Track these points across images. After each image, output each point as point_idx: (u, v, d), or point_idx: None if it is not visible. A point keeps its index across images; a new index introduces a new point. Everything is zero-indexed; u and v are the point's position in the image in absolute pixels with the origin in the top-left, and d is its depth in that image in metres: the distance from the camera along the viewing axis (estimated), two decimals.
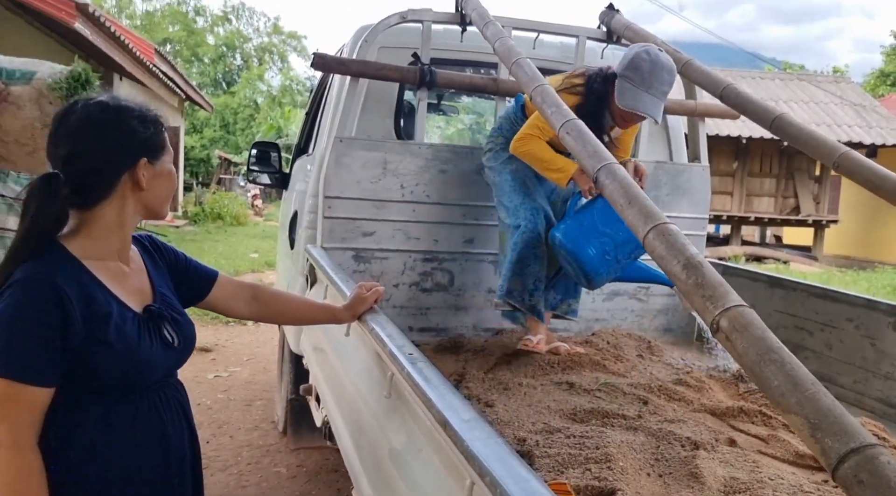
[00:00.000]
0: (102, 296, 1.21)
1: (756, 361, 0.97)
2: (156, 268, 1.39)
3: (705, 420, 1.96)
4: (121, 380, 1.22)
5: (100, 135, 1.22)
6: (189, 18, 29.75)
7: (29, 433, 1.13)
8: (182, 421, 1.36)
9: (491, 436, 0.93)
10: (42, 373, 1.13)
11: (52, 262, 1.17)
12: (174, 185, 1.34)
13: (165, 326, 1.31)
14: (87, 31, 7.07)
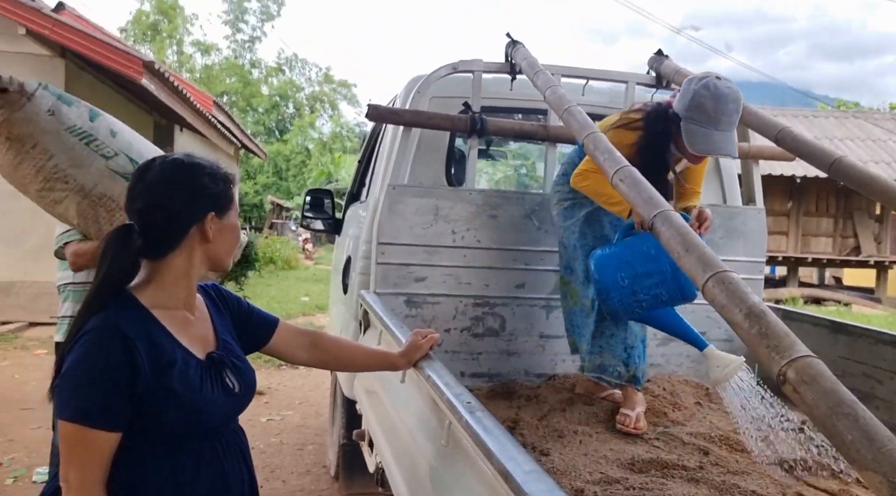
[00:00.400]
0: (168, 344, 1.25)
1: (827, 415, 0.94)
2: (219, 315, 1.44)
3: (771, 472, 1.89)
4: (184, 425, 1.26)
5: (172, 190, 1.29)
6: (245, 70, 31.04)
7: (97, 477, 1.17)
8: (242, 466, 1.39)
9: (553, 489, 0.93)
10: (110, 419, 1.17)
11: (121, 312, 1.23)
12: (238, 238, 1.41)
13: (227, 373, 1.34)
14: (152, 87, 7.45)
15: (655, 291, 2.15)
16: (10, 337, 6.83)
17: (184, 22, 29.08)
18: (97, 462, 1.17)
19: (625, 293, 2.17)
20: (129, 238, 1.26)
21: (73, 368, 1.17)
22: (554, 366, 2.89)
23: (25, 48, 7.21)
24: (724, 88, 2.10)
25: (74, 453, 1.16)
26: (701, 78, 2.15)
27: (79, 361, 1.17)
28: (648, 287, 2.14)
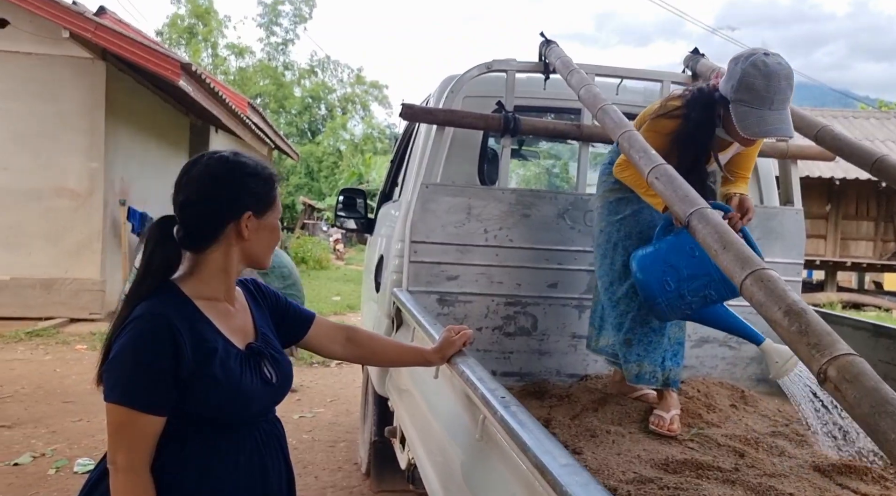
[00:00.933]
0: (210, 333, 1.29)
1: (870, 413, 0.93)
2: (258, 309, 1.48)
3: (809, 476, 1.85)
4: (224, 412, 1.29)
5: (213, 186, 1.32)
6: (278, 73, 31.43)
7: (143, 458, 1.21)
8: (280, 456, 1.42)
9: (588, 482, 0.93)
10: (156, 403, 1.21)
11: (166, 301, 1.27)
12: (277, 239, 1.41)
13: (265, 363, 1.37)
14: (189, 88, 7.60)
15: (704, 292, 2.06)
16: (52, 332, 7.02)
17: (218, 25, 29.56)
18: (143, 444, 1.21)
19: (672, 297, 2.09)
20: (169, 229, 1.31)
21: (120, 354, 1.21)
22: (586, 366, 2.87)
23: (68, 51, 7.42)
24: (775, 65, 1.95)
25: (122, 436, 1.20)
26: (748, 56, 1.98)
27: (126, 347, 1.21)
28: (696, 289, 2.06)
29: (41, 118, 7.52)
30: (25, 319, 7.25)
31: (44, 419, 4.35)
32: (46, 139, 7.54)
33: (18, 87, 7.47)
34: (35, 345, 6.53)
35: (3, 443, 3.95)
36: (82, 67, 7.57)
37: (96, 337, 6.76)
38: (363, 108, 32.94)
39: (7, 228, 7.46)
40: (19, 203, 7.47)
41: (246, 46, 30.98)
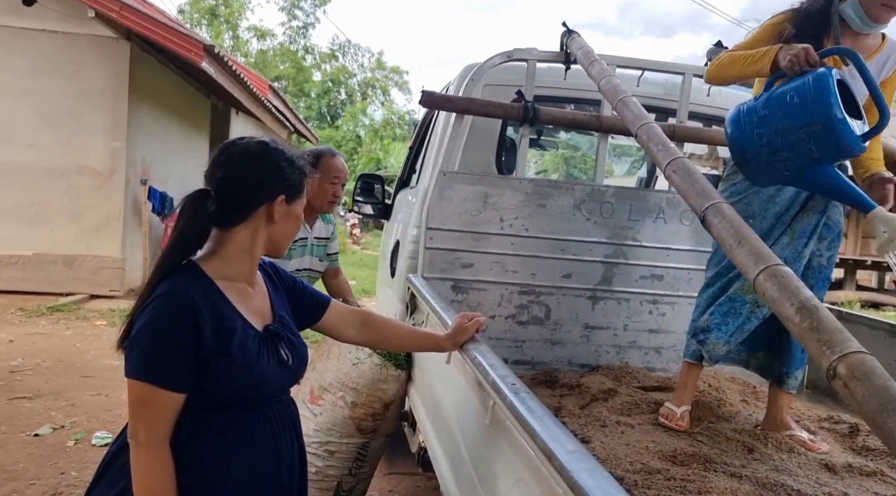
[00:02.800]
0: (230, 313, 1.32)
1: (878, 411, 0.94)
2: (276, 292, 1.50)
3: (817, 473, 1.86)
4: (241, 391, 1.32)
5: (252, 165, 1.36)
6: (299, 56, 31.45)
7: (163, 434, 1.25)
8: (293, 436, 1.45)
9: (595, 468, 0.95)
10: (177, 380, 1.24)
11: (188, 280, 1.30)
12: (298, 228, 1.46)
13: (282, 345, 1.40)
14: (211, 70, 7.64)
15: (802, 147, 1.77)
16: (73, 308, 7.14)
17: (240, 7, 29.61)
18: (164, 420, 1.25)
19: (763, 153, 1.84)
20: (204, 202, 1.33)
21: (142, 330, 1.24)
22: (598, 357, 2.89)
23: (94, 30, 7.48)
24: None
25: (143, 411, 1.24)
26: None
27: (148, 324, 1.24)
28: (793, 143, 1.78)
29: (65, 96, 7.61)
30: (47, 294, 7.38)
31: (63, 392, 4.44)
32: (70, 117, 7.63)
33: (44, 66, 7.56)
34: (56, 319, 6.66)
35: (24, 414, 4.05)
36: (107, 47, 7.63)
37: (116, 313, 6.87)
38: (383, 93, 32.89)
39: (30, 205, 7.57)
40: (43, 180, 7.58)
41: (268, 29, 31.00)
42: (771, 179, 1.96)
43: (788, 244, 2.10)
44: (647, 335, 2.92)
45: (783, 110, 1.77)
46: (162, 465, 1.24)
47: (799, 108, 1.73)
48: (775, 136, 1.79)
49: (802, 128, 1.73)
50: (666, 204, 2.86)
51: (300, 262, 2.69)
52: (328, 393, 2.45)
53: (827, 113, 1.68)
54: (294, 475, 1.45)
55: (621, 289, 2.87)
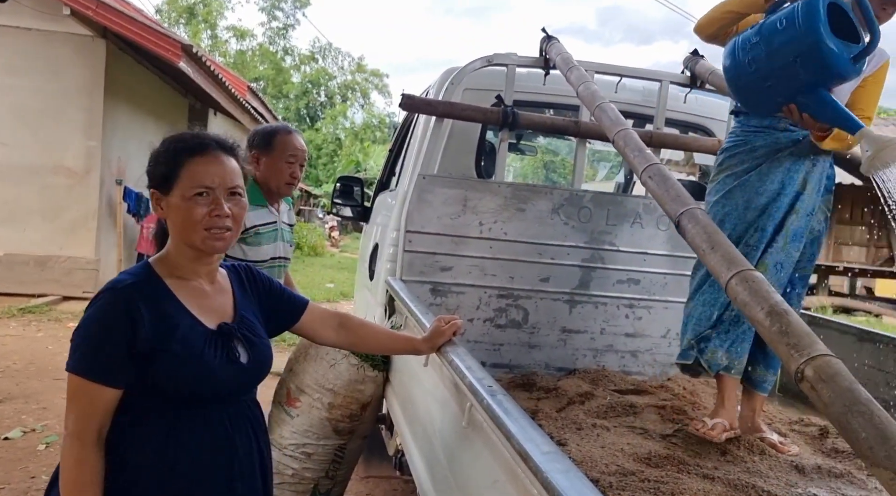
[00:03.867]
0: (174, 310, 1.31)
1: (843, 413, 0.96)
2: (243, 293, 1.48)
3: (787, 475, 1.89)
4: (185, 389, 1.30)
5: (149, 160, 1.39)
6: (278, 58, 31.30)
7: (92, 428, 1.25)
8: (252, 439, 1.41)
9: (571, 469, 0.96)
10: (108, 374, 1.25)
11: (133, 277, 1.32)
12: (188, 219, 1.32)
13: (237, 344, 1.38)
14: (189, 70, 7.58)
15: (791, 70, 1.75)
16: (45, 309, 7.02)
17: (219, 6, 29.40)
18: (94, 414, 1.25)
19: (755, 79, 1.83)
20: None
21: (80, 325, 1.27)
22: (575, 360, 2.91)
23: (69, 28, 7.38)
24: None
25: (74, 402, 1.25)
26: None
27: (86, 319, 1.27)
28: (782, 66, 1.77)
29: (40, 95, 7.49)
30: (19, 295, 7.25)
31: (34, 395, 4.37)
32: (45, 116, 7.51)
33: (18, 63, 7.44)
34: (28, 321, 6.54)
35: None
36: (83, 45, 7.53)
37: None
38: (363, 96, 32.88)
39: (3, 204, 7.44)
40: (16, 179, 7.45)
41: (247, 29, 30.82)
42: (767, 107, 1.95)
43: (783, 248, 2.10)
44: (624, 339, 2.95)
45: (772, 34, 1.77)
46: (85, 458, 1.24)
47: (786, 31, 1.74)
48: (765, 60, 1.79)
49: (790, 50, 1.74)
50: (643, 209, 2.89)
51: (274, 250, 2.46)
52: (305, 395, 2.45)
53: (813, 34, 1.68)
54: (255, 482, 1.41)
55: (598, 293, 2.90)
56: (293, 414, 2.45)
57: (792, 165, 2.07)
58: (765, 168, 2.08)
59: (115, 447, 1.27)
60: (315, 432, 2.43)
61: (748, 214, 2.08)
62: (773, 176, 2.06)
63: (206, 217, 1.31)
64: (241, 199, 1.37)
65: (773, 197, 2.07)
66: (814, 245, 2.19)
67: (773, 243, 2.09)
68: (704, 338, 2.11)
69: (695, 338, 2.13)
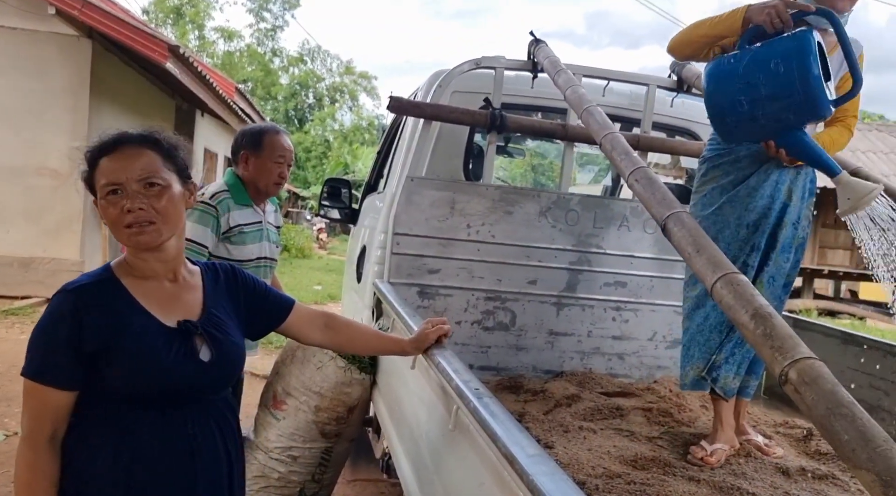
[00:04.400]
0: (127, 309, 1.30)
1: (826, 415, 0.97)
2: (216, 290, 1.45)
3: (772, 477, 1.91)
4: (139, 386, 1.28)
5: None
6: (266, 59, 31.19)
7: (45, 431, 1.24)
8: (218, 438, 1.38)
9: (556, 472, 0.96)
10: (56, 376, 1.25)
11: (86, 278, 1.32)
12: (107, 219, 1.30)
13: (200, 341, 1.34)
14: (176, 71, 7.53)
15: (782, 116, 1.81)
16: (28, 311, 6.94)
17: (206, 7, 29.27)
18: (46, 417, 1.25)
19: (743, 118, 1.85)
20: None
21: (34, 330, 1.28)
22: (562, 363, 2.92)
23: (54, 28, 7.31)
24: None
25: (26, 405, 1.26)
26: None
27: (38, 323, 1.28)
28: (774, 113, 1.81)
29: (25, 95, 7.41)
30: (2, 297, 7.16)
31: (17, 398, 4.29)
32: (29, 116, 7.43)
33: (2, 63, 7.35)
34: (10, 323, 6.46)
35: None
36: (68, 45, 7.46)
37: None
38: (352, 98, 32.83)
39: None
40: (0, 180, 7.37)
41: (235, 30, 30.70)
42: (744, 139, 1.99)
43: (775, 261, 2.09)
44: (611, 341, 2.96)
45: (766, 78, 1.77)
46: (38, 462, 1.23)
47: (783, 79, 1.75)
48: (756, 104, 1.81)
49: (786, 98, 1.76)
50: (630, 212, 2.91)
51: (259, 249, 2.43)
52: (291, 397, 2.43)
53: (810, 86, 1.72)
54: (221, 486, 1.39)
55: (585, 296, 2.91)
56: (279, 417, 2.44)
57: (779, 177, 2.06)
58: (753, 181, 2.06)
59: (71, 451, 1.27)
60: (301, 435, 2.42)
61: (741, 232, 2.06)
62: (761, 190, 2.05)
63: (121, 214, 1.27)
64: (162, 189, 1.30)
65: (764, 212, 2.06)
66: (798, 252, 2.19)
67: (768, 260, 2.09)
68: (715, 365, 2.06)
69: (706, 366, 2.08)
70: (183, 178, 1.37)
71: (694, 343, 2.12)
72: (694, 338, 2.13)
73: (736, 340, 2.06)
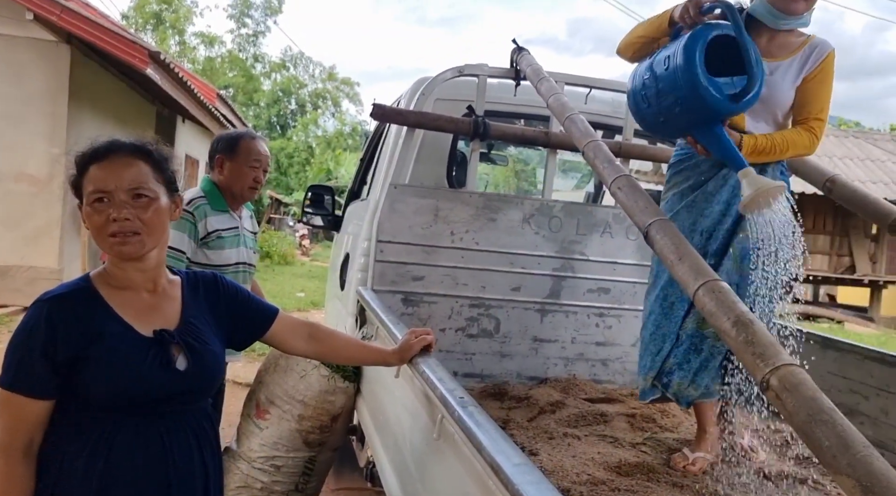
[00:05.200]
0: (103, 318, 1.29)
1: (806, 421, 0.98)
2: (195, 300, 1.44)
3: (755, 483, 1.92)
4: (112, 395, 1.27)
5: None
6: (248, 65, 31.01)
7: (20, 441, 1.24)
8: (194, 449, 1.37)
9: (541, 481, 0.96)
10: (32, 386, 1.24)
11: (64, 288, 1.32)
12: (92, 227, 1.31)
13: (176, 350, 1.33)
14: (157, 77, 7.46)
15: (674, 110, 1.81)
16: (6, 320, 6.83)
17: (187, 12, 29.07)
18: (21, 427, 1.24)
19: (651, 113, 1.88)
20: None
21: (10, 339, 1.27)
22: (546, 369, 2.92)
23: (32, 33, 7.22)
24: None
25: (2, 415, 1.26)
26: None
27: (13, 333, 1.27)
28: (668, 107, 1.82)
29: (2, 100, 7.29)
30: None
31: None
32: (6, 122, 7.33)
33: None
34: None
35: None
36: (46, 50, 7.37)
37: None
38: (334, 104, 32.74)
39: None
40: None
41: (216, 36, 30.51)
42: (668, 136, 2.00)
43: (735, 269, 2.01)
44: (594, 347, 2.97)
45: (659, 75, 1.81)
46: (12, 472, 1.23)
47: (669, 75, 1.77)
48: (655, 99, 1.83)
49: (672, 93, 1.77)
50: (612, 219, 2.93)
51: (237, 255, 2.42)
52: (275, 406, 2.41)
53: (691, 80, 1.71)
54: (196, 494, 1.37)
55: (569, 303, 2.92)
56: (262, 426, 2.42)
57: (738, 181, 1.92)
58: (710, 186, 2.02)
59: (46, 459, 1.26)
60: (285, 444, 2.40)
61: (694, 238, 2.00)
62: (718, 196, 2.01)
63: (106, 223, 1.27)
64: (149, 201, 1.30)
65: (718, 219, 2.01)
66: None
67: (721, 266, 2.00)
68: (665, 372, 2.03)
69: (654, 373, 2.05)
70: (170, 191, 1.37)
71: (647, 352, 2.09)
72: (647, 348, 2.10)
73: (689, 347, 2.01)
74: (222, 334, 1.47)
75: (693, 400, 2.04)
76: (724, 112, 1.78)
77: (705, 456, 2.00)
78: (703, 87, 1.71)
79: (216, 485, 1.44)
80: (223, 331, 1.47)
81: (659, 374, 2.05)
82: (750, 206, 1.74)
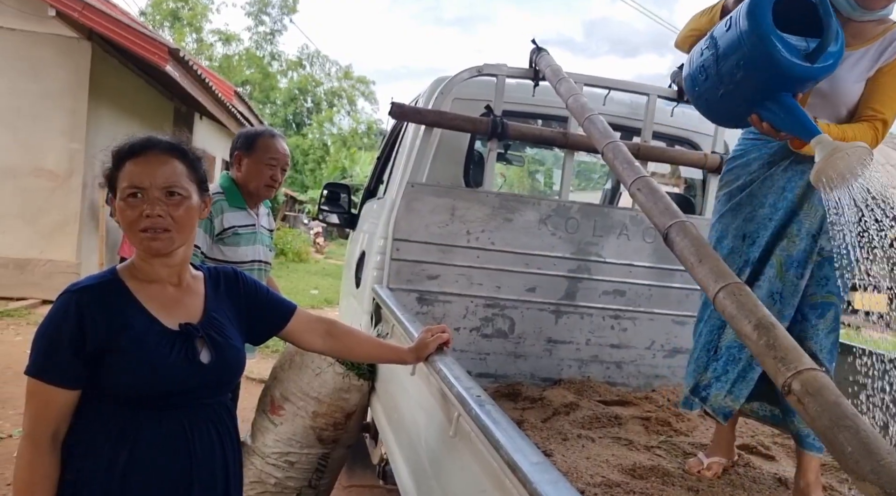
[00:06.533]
0: (130, 310, 1.31)
1: (829, 427, 0.97)
2: (216, 295, 1.46)
3: (771, 487, 1.91)
4: (138, 387, 1.28)
5: None
6: (265, 63, 31.19)
7: (46, 430, 1.25)
8: (215, 444, 1.39)
9: (558, 481, 0.96)
10: (59, 375, 1.26)
11: (92, 279, 1.33)
12: (124, 221, 1.32)
13: (200, 344, 1.35)
14: (176, 74, 7.52)
15: (739, 76, 1.59)
16: (24, 313, 6.91)
17: (203, 10, 29.26)
18: (48, 416, 1.26)
19: (709, 86, 1.69)
20: None
21: (38, 329, 1.29)
22: (560, 371, 2.92)
23: (54, 29, 7.31)
24: None
25: (29, 404, 1.27)
26: None
27: (41, 323, 1.29)
28: (729, 72, 1.61)
29: (23, 96, 7.40)
30: None
31: (11, 400, 4.28)
32: (27, 117, 7.42)
33: (1, 64, 7.35)
34: (6, 325, 6.43)
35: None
36: (67, 47, 7.45)
37: None
38: (350, 102, 32.85)
39: None
40: None
41: (234, 34, 30.71)
42: (730, 118, 1.81)
43: (778, 277, 1.90)
44: (609, 350, 2.96)
45: (720, 37, 1.63)
46: (38, 460, 1.24)
47: (731, 32, 1.59)
48: (713, 65, 1.64)
49: (735, 52, 1.58)
50: (630, 221, 2.91)
51: (253, 252, 2.42)
52: (289, 402, 2.43)
53: (756, 30, 1.51)
54: (215, 489, 1.38)
55: (584, 304, 2.91)
56: (277, 422, 2.43)
57: (787, 184, 1.89)
58: (756, 188, 1.94)
59: (70, 450, 1.28)
60: (298, 440, 2.41)
61: (736, 243, 1.96)
62: (763, 199, 1.92)
63: (138, 218, 1.29)
64: (182, 199, 1.32)
65: (762, 222, 1.92)
66: (823, 267, 1.91)
67: (762, 274, 1.92)
68: (703, 385, 1.98)
69: (694, 384, 2.01)
70: (201, 190, 1.40)
71: (691, 362, 2.07)
72: (693, 358, 2.07)
73: (727, 359, 1.95)
74: (242, 329, 1.48)
75: (731, 412, 1.97)
76: (797, 73, 1.54)
77: (720, 460, 1.99)
78: (769, 41, 1.49)
79: (236, 478, 1.46)
80: (243, 326, 1.49)
81: (696, 387, 2.00)
82: (824, 169, 1.45)
